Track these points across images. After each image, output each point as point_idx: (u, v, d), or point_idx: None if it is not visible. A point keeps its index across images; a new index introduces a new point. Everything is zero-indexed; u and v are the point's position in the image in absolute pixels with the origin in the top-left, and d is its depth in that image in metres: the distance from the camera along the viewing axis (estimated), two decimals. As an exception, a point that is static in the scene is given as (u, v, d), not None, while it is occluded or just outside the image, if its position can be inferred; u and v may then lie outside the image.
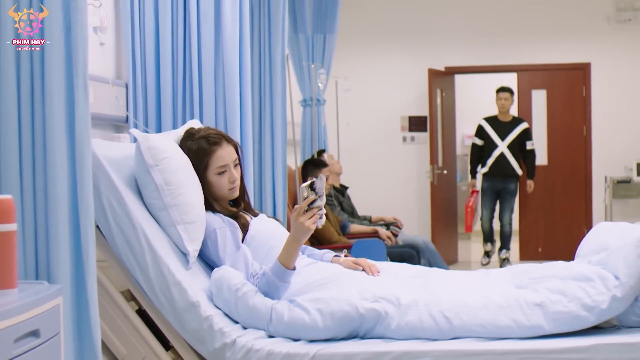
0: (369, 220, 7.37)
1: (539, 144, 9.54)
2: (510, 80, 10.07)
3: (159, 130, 4.09)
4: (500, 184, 9.07)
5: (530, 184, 9.19)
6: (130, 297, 2.92)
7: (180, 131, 3.23)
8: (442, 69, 9.66)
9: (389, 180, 9.82)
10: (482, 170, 9.12)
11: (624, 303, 2.75)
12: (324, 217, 2.88)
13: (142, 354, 2.84)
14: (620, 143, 9.52)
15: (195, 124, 3.38)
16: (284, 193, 5.36)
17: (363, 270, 3.15)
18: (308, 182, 2.82)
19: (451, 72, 9.78)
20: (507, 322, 2.76)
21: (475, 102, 11.95)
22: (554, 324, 2.75)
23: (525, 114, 9.68)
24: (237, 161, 3.14)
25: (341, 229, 6.56)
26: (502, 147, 8.99)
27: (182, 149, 3.09)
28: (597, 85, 9.57)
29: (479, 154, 9.17)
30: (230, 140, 3.14)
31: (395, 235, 6.88)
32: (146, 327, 2.86)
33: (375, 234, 6.56)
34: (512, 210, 9.14)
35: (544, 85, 9.71)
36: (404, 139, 9.88)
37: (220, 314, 2.81)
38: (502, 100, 9.09)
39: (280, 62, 5.35)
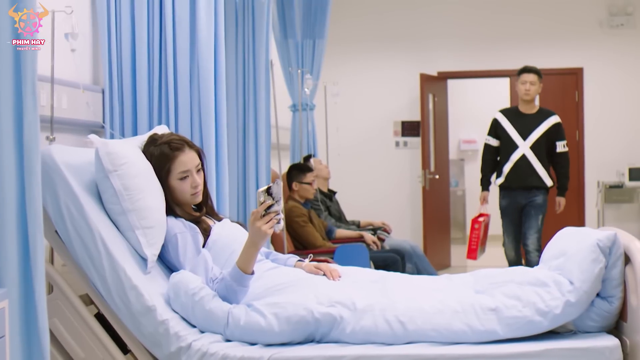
0: (357, 225, 7.38)
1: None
2: (503, 85, 10.09)
3: (135, 135, 4.12)
4: (522, 198, 6.72)
5: (559, 201, 6.86)
6: (89, 301, 2.94)
7: (145, 137, 3.26)
8: (435, 74, 9.66)
9: (382, 185, 9.83)
10: (498, 181, 6.84)
11: (578, 308, 2.77)
12: (282, 222, 2.90)
13: (100, 358, 2.87)
14: (613, 148, 9.52)
15: (162, 129, 3.41)
16: (268, 197, 5.39)
17: (324, 274, 3.17)
18: (264, 187, 2.84)
19: (444, 77, 9.78)
20: (462, 326, 2.77)
21: (471, 107, 11.98)
22: (508, 329, 2.77)
23: (518, 118, 9.68)
24: (200, 166, 3.17)
25: (327, 234, 6.58)
26: (523, 147, 6.66)
27: (145, 154, 3.12)
28: (590, 90, 9.57)
29: (494, 157, 6.89)
30: (192, 146, 3.16)
31: (382, 240, 6.89)
32: (104, 331, 2.89)
33: (360, 239, 6.57)
34: (539, 231, 6.64)
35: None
36: (397, 143, 9.89)
37: (176, 318, 2.83)
38: (526, 84, 6.69)
39: (265, 68, 5.40)
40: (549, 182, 6.71)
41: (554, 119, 6.74)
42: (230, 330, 2.81)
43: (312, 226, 6.23)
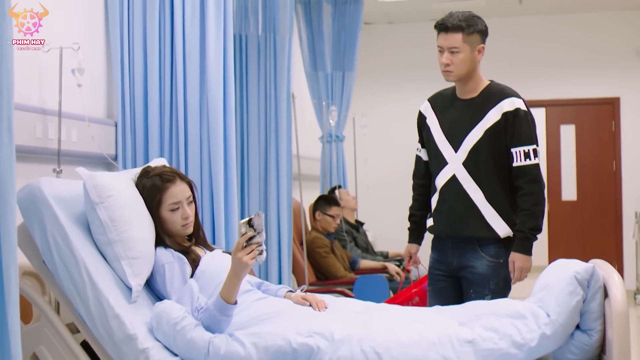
0: (385, 256, 7.38)
1: (568, 180, 9.43)
2: (538, 115, 10.01)
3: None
4: (453, 257, 3.74)
5: (514, 260, 3.56)
6: (76, 329, 3.02)
7: (139, 170, 3.35)
8: (469, 104, 9.65)
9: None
10: (429, 223, 3.91)
11: (554, 341, 2.76)
12: (265, 253, 2.94)
13: (84, 385, 2.94)
14: (651, 178, 9.41)
15: (160, 162, 3.49)
16: (289, 226, 5.48)
17: (310, 305, 3.20)
18: (246, 219, 2.89)
19: (478, 107, 9.76)
20: (437, 358, 2.77)
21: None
22: (484, 361, 2.77)
23: (554, 149, 9.60)
24: (192, 198, 3.24)
25: (351, 265, 6.60)
26: (453, 164, 3.72)
27: (137, 186, 3.21)
28: (627, 120, 9.48)
29: (428, 182, 3.99)
30: (184, 178, 3.24)
31: (408, 272, 6.86)
32: (89, 359, 2.95)
33: (384, 270, 6.58)
34: None
35: (573, 120, 9.65)
36: (431, 174, 9.86)
37: (158, 347, 2.88)
38: (443, 53, 3.75)
39: (286, 100, 5.51)
40: (501, 228, 3.61)
41: (508, 104, 3.64)
42: (210, 359, 2.86)
43: (334, 257, 6.26)
